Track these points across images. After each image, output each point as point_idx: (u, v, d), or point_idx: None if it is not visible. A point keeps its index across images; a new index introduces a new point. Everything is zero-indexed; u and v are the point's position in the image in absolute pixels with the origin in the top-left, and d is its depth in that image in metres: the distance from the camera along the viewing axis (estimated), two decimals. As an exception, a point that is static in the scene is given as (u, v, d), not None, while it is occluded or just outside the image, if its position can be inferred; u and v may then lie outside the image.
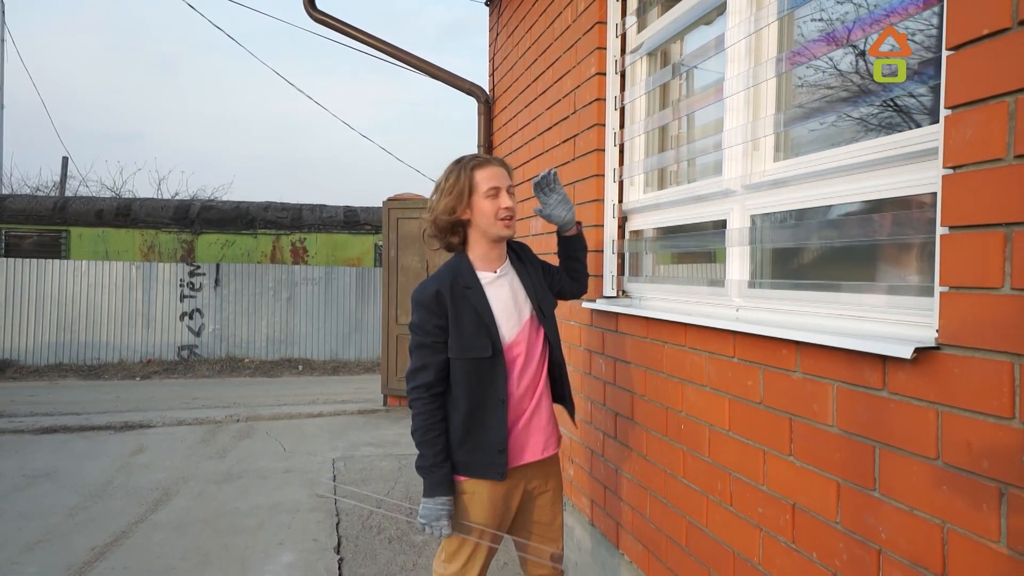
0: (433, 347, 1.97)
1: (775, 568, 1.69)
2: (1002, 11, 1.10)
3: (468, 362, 1.97)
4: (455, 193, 2.00)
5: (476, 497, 1.99)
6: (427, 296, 1.98)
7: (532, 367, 2.04)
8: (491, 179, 2.03)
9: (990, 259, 1.12)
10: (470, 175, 2.02)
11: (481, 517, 2.00)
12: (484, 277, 2.04)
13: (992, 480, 1.12)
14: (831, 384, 1.50)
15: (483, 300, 2.00)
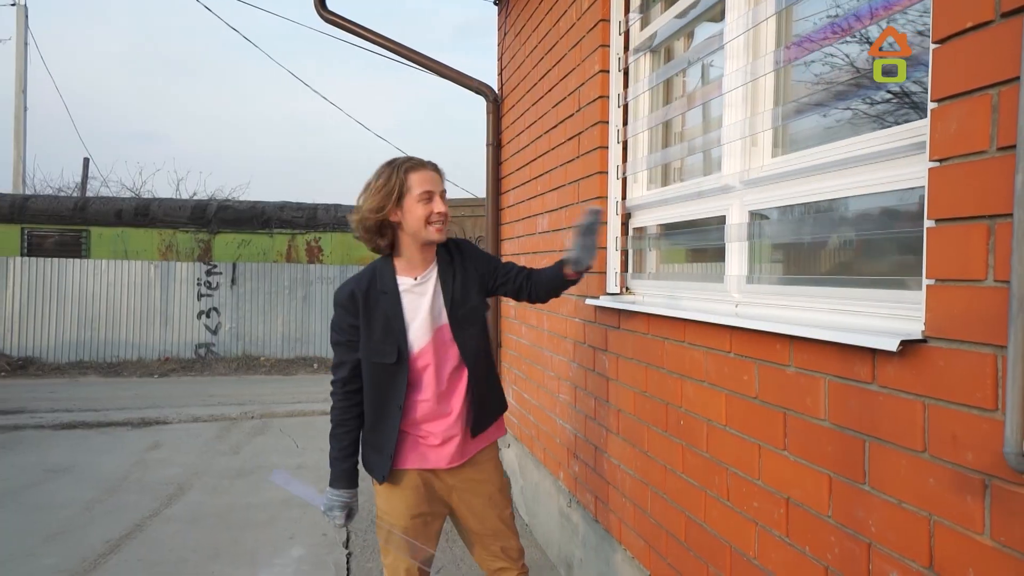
0: (348, 345, 2.08)
1: (770, 562, 1.69)
2: (985, 3, 1.10)
3: (374, 365, 2.05)
4: (383, 193, 1.99)
5: (383, 492, 2.13)
6: (343, 296, 2.09)
7: (443, 378, 2.07)
8: (424, 183, 2.01)
9: (974, 251, 1.12)
10: (403, 177, 2.00)
11: (391, 514, 2.12)
12: (403, 283, 2.07)
13: (976, 472, 1.13)
14: (823, 378, 1.50)
15: (396, 306, 2.04)
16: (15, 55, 16.85)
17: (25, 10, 17.08)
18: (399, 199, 1.99)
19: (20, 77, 17.02)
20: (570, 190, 3.19)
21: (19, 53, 16.88)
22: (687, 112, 2.53)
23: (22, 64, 16.96)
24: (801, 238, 1.89)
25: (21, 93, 17.13)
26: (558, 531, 3.40)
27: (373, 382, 2.07)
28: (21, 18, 16.95)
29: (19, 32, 16.87)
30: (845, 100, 1.71)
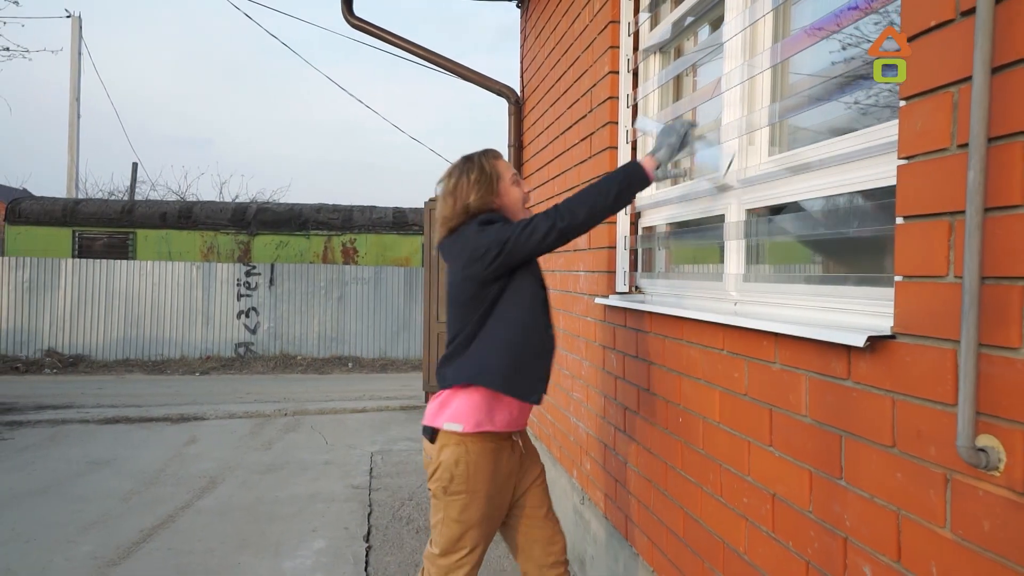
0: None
1: (758, 557, 1.70)
2: (947, 2, 1.11)
3: (537, 282, 2.04)
4: (485, 183, 2.04)
5: (483, 460, 1.99)
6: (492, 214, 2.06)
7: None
8: (509, 168, 2.14)
9: (936, 248, 1.13)
10: (493, 165, 2.08)
11: (484, 487, 2.00)
12: None
13: (938, 466, 1.13)
14: (804, 375, 1.51)
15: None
16: (69, 65, 17.57)
17: (79, 21, 17.79)
18: (497, 185, 2.06)
19: (74, 86, 17.74)
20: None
21: (73, 63, 17.59)
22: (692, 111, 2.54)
23: (76, 74, 17.67)
24: (795, 236, 1.89)
25: (75, 101, 17.85)
26: (573, 528, 3.43)
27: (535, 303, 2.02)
28: (75, 29, 17.66)
29: (73, 43, 17.59)
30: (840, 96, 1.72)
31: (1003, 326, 1.01)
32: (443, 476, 1.99)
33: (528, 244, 1.91)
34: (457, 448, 1.98)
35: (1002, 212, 1.01)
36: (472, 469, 1.99)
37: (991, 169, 1.02)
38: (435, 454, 2.02)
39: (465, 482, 1.99)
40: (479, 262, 1.92)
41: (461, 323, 2.02)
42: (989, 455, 1.02)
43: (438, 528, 2.05)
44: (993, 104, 1.01)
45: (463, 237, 2.00)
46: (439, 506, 2.05)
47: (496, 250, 1.90)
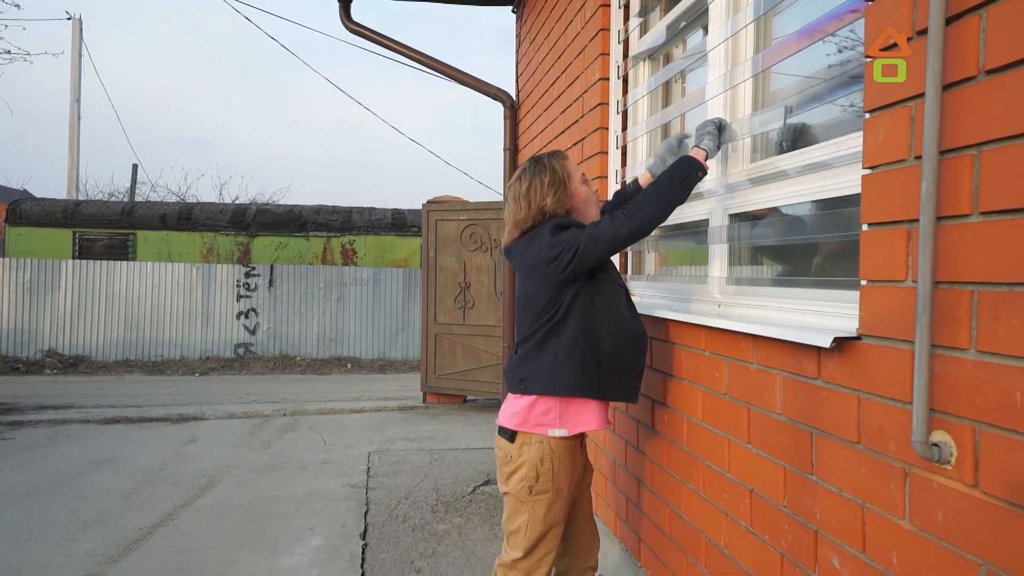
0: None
1: (737, 551, 1.76)
2: (905, 21, 1.17)
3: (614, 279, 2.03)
4: (559, 185, 2.03)
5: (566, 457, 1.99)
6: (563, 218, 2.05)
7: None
8: (577, 167, 2.14)
9: (896, 254, 1.19)
10: (564, 167, 2.08)
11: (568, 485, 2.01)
12: None
13: (897, 461, 1.19)
14: (779, 374, 1.57)
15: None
16: (70, 67, 17.64)
17: (80, 24, 17.86)
18: (568, 186, 2.06)
19: (74, 88, 17.81)
20: (575, 194, 3.29)
21: (73, 65, 17.66)
22: (680, 117, 2.60)
23: (76, 76, 17.74)
24: (774, 241, 1.95)
25: (75, 103, 17.92)
26: (565, 526, 3.49)
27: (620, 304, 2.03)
28: (76, 31, 17.73)
29: (74, 45, 17.66)
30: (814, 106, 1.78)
31: (954, 328, 1.07)
32: (529, 475, 1.96)
33: (600, 246, 1.91)
34: (541, 446, 1.96)
35: (953, 221, 1.07)
36: (558, 466, 1.97)
37: (942, 180, 1.08)
38: (516, 452, 1.99)
39: (551, 480, 1.97)
40: (553, 264, 1.92)
41: (536, 326, 2.00)
42: (942, 449, 1.08)
43: (522, 530, 2.00)
44: (944, 119, 1.08)
45: (538, 241, 1.98)
46: (522, 508, 1.99)
47: (570, 254, 1.90)
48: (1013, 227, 0.97)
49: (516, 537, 2.02)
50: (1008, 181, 0.97)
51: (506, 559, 2.05)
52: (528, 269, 2.02)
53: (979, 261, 1.02)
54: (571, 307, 1.96)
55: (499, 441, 2.05)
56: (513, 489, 2.00)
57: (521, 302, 2.08)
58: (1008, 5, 0.98)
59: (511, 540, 2.04)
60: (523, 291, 2.06)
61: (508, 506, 2.05)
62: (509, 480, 2.01)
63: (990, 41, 1.00)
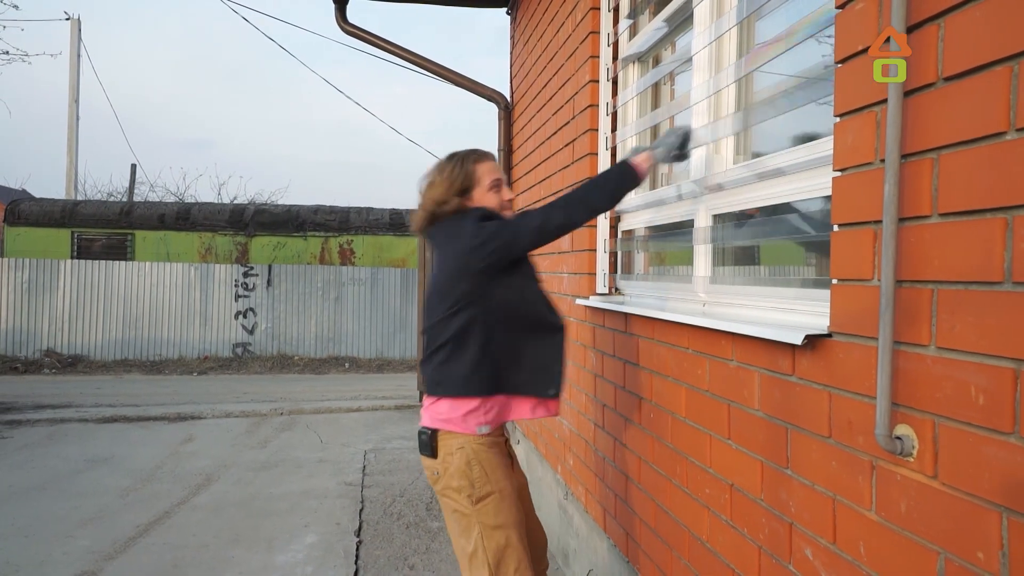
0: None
1: (718, 544, 1.80)
2: (871, 28, 1.21)
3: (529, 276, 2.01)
4: (453, 183, 2.01)
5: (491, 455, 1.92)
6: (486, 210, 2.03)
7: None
8: (492, 172, 2.07)
9: (864, 254, 1.23)
10: (472, 168, 2.04)
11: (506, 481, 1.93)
12: None
13: (865, 454, 1.23)
14: (756, 371, 1.61)
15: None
16: (68, 67, 17.66)
17: (78, 24, 17.88)
18: (471, 190, 2.02)
19: (73, 88, 17.83)
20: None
21: (72, 65, 17.68)
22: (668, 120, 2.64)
23: (75, 76, 17.76)
24: (755, 241, 1.99)
25: (74, 103, 17.94)
26: (558, 523, 3.53)
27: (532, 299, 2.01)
28: (74, 32, 17.75)
29: (72, 45, 17.68)
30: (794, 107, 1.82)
31: (916, 325, 1.10)
32: (462, 484, 1.88)
33: (528, 235, 1.89)
34: (463, 451, 1.90)
35: (915, 222, 1.11)
36: (488, 466, 1.90)
37: (905, 183, 1.12)
38: (441, 468, 1.92)
39: (487, 481, 1.89)
40: (477, 252, 1.87)
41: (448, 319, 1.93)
42: (904, 442, 1.12)
43: (479, 546, 1.88)
44: (907, 124, 1.12)
45: (460, 228, 1.94)
46: (470, 522, 1.89)
47: (495, 242, 1.87)
48: (968, 228, 1.01)
49: (476, 558, 1.88)
50: (964, 184, 1.01)
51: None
52: (450, 251, 1.97)
53: (938, 260, 1.06)
54: (488, 299, 1.91)
55: (424, 461, 1.98)
56: (457, 505, 1.90)
57: (436, 289, 2.00)
58: (965, 15, 1.02)
59: (473, 564, 1.89)
60: (439, 278, 2.00)
61: (456, 527, 1.93)
62: (447, 498, 1.93)
63: (948, 49, 1.04)
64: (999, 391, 0.95)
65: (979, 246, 0.98)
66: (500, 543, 1.88)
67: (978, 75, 0.99)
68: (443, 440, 1.92)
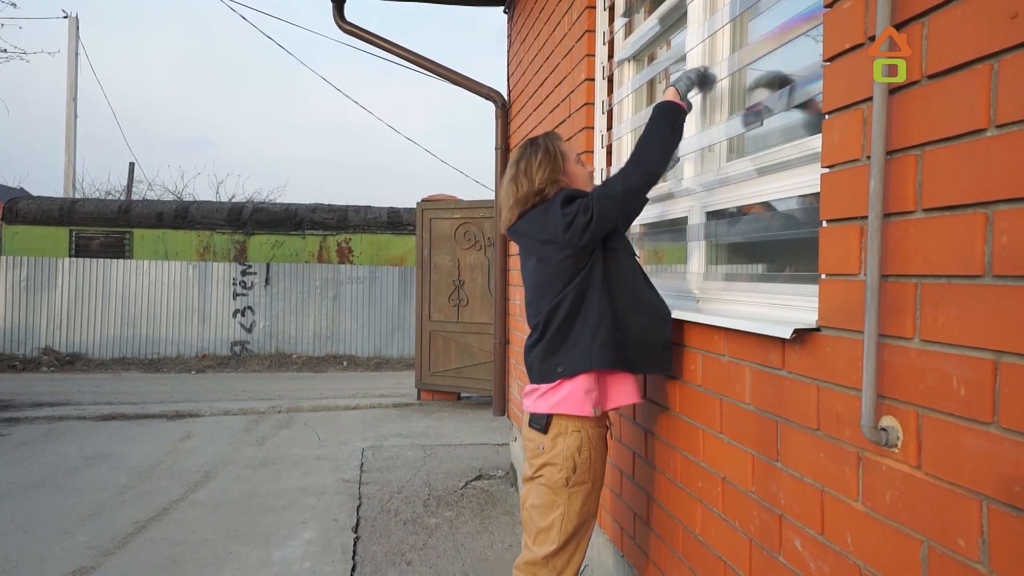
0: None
1: (710, 537, 1.83)
2: (858, 27, 1.23)
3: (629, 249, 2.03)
4: (550, 162, 2.04)
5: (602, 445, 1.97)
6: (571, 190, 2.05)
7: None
8: (571, 148, 2.16)
9: (850, 249, 1.25)
10: (557, 146, 2.09)
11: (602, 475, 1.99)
12: None
13: (851, 445, 1.26)
14: (747, 366, 1.64)
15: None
16: (66, 66, 17.65)
17: (76, 22, 17.87)
18: (563, 165, 2.07)
19: (71, 86, 17.82)
20: (562, 193, 3.35)
21: (70, 63, 17.67)
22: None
23: (73, 74, 17.74)
24: (749, 237, 2.01)
25: (72, 101, 17.92)
26: (553, 519, 3.55)
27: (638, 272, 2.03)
28: (72, 30, 17.73)
29: (70, 43, 17.66)
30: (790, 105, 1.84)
31: (901, 318, 1.13)
32: (566, 466, 1.90)
33: (615, 201, 1.88)
34: (578, 434, 1.90)
35: (900, 217, 1.13)
36: (595, 455, 1.93)
37: (890, 179, 1.14)
38: (549, 444, 1.92)
39: (588, 470, 1.92)
40: (571, 230, 1.87)
41: (555, 306, 1.95)
42: (889, 433, 1.14)
43: (556, 525, 1.93)
44: (892, 121, 1.14)
45: (550, 213, 1.95)
46: (556, 501, 1.93)
47: (586, 216, 1.86)
48: (950, 223, 1.03)
49: (549, 533, 1.94)
50: (946, 180, 1.03)
51: (534, 556, 1.96)
52: (544, 243, 1.97)
53: (922, 255, 1.08)
54: (590, 280, 1.92)
55: (529, 433, 1.98)
56: (548, 481, 1.93)
57: (538, 280, 2.02)
58: (948, 13, 1.04)
59: (541, 536, 1.95)
60: (538, 268, 2.02)
61: (538, 500, 1.96)
62: (541, 472, 1.95)
63: (931, 47, 1.06)
64: (979, 382, 0.97)
65: (961, 241, 1.01)
66: (575, 527, 1.95)
67: (960, 73, 1.01)
68: (558, 420, 1.94)
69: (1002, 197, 0.94)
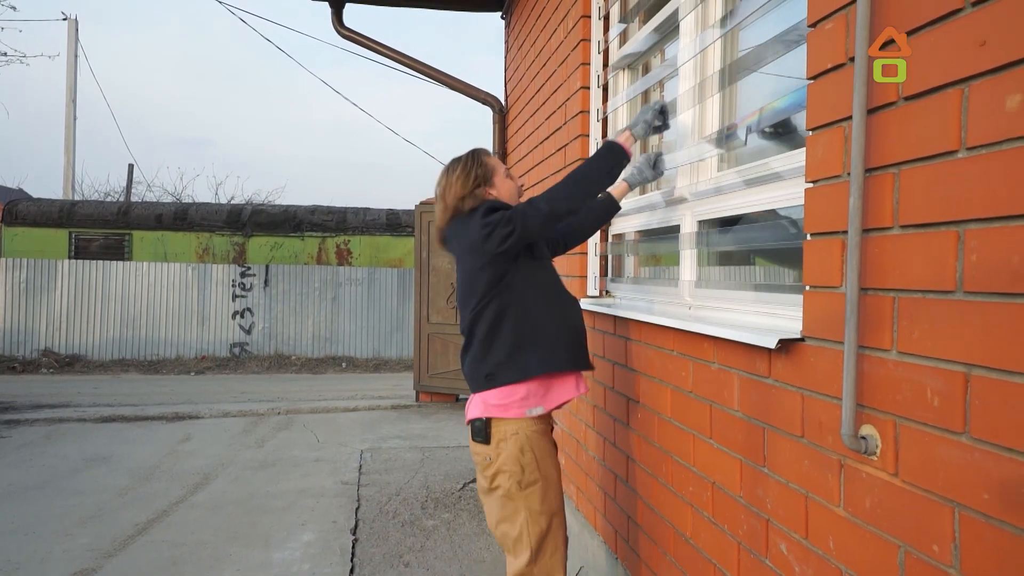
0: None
1: (701, 541, 1.87)
2: (839, 49, 1.27)
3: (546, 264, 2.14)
4: (474, 176, 2.10)
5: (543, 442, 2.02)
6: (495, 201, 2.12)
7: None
8: (500, 162, 2.24)
9: (833, 262, 1.29)
10: (485, 159, 2.17)
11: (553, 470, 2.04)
12: None
13: (834, 453, 1.30)
14: (736, 373, 1.67)
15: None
16: (66, 67, 17.69)
17: (76, 24, 17.90)
18: (490, 179, 2.13)
19: (70, 88, 17.85)
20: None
21: (69, 65, 17.70)
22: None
23: (72, 76, 17.77)
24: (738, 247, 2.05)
25: (71, 103, 17.96)
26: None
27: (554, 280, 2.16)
28: (72, 32, 17.77)
29: (69, 45, 17.69)
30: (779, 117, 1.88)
31: (879, 330, 1.17)
32: (514, 469, 1.96)
33: (538, 215, 1.94)
34: (516, 437, 1.97)
35: (878, 233, 1.17)
36: (539, 454, 1.98)
37: (870, 196, 1.18)
38: (494, 453, 1.99)
39: (537, 468, 1.97)
40: (490, 239, 1.94)
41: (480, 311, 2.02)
42: (868, 442, 1.18)
43: (524, 531, 1.98)
44: (872, 140, 1.18)
45: (472, 221, 2.02)
46: (516, 506, 1.98)
47: (506, 227, 1.93)
48: (925, 240, 1.07)
49: (521, 540, 1.98)
50: (921, 198, 1.07)
51: (518, 567, 1.99)
52: (465, 249, 2.06)
53: (899, 270, 1.12)
54: (511, 290, 2.01)
55: (475, 447, 2.05)
56: (503, 491, 1.99)
57: (463, 287, 2.10)
58: (922, 38, 1.08)
59: (517, 547, 1.99)
60: (463, 275, 2.10)
61: (500, 510, 2.02)
62: (495, 481, 2.01)
63: (908, 70, 1.10)
64: (952, 393, 1.01)
65: (934, 257, 1.05)
66: (543, 528, 1.99)
67: (933, 96, 1.05)
68: (497, 426, 2.00)
69: (972, 217, 0.98)
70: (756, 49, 1.82)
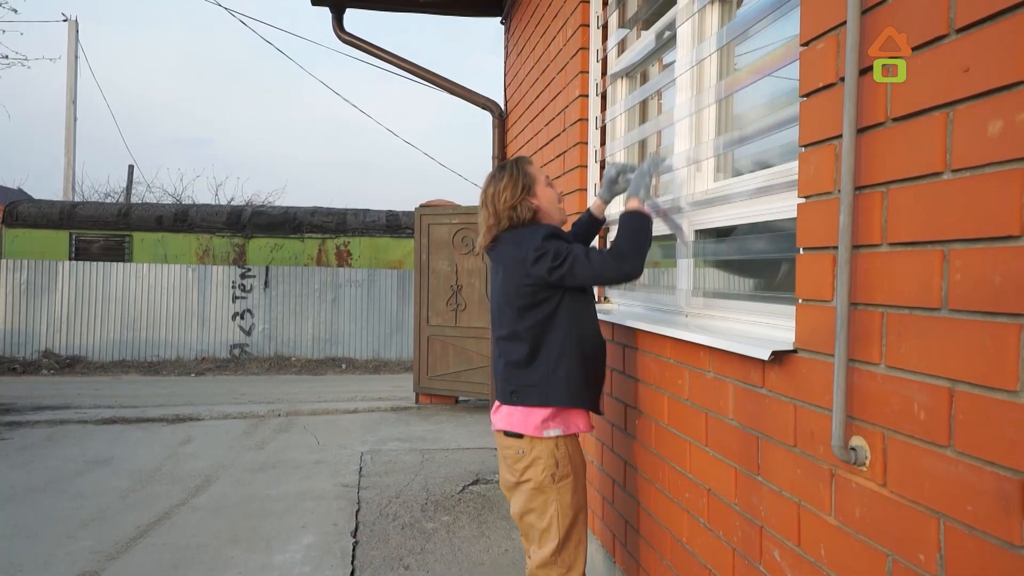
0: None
1: (697, 546, 1.90)
2: (830, 69, 1.30)
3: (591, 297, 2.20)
4: (514, 187, 2.14)
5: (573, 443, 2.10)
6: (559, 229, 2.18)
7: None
8: (541, 171, 2.28)
9: (824, 276, 1.33)
10: (527, 168, 2.22)
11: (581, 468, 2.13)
12: None
13: (825, 463, 1.33)
14: (731, 383, 1.71)
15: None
16: (66, 69, 17.71)
17: (76, 26, 17.93)
18: (532, 187, 2.18)
19: (71, 90, 17.87)
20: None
21: (70, 66, 17.72)
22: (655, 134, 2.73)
23: (73, 77, 17.80)
24: (736, 256, 2.08)
25: (71, 104, 17.98)
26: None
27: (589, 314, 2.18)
28: (72, 33, 17.79)
29: (70, 46, 17.72)
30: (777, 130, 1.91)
31: (868, 344, 1.20)
32: (549, 463, 2.03)
33: (589, 271, 2.00)
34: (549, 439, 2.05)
35: (868, 249, 1.20)
36: (571, 449, 2.07)
37: (860, 213, 1.21)
38: (527, 447, 2.05)
39: (569, 462, 2.05)
40: (540, 263, 1.99)
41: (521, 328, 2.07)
42: (858, 453, 1.21)
43: (553, 522, 2.05)
44: (862, 159, 1.21)
45: (529, 237, 2.05)
46: (548, 498, 2.04)
47: (560, 261, 1.98)
48: (912, 258, 1.10)
49: (549, 531, 2.05)
50: (908, 216, 1.11)
51: (543, 556, 2.06)
52: (513, 262, 2.07)
53: (887, 286, 1.15)
54: (558, 312, 2.05)
55: (506, 440, 2.09)
56: (535, 483, 2.04)
57: (503, 298, 2.13)
58: (912, 61, 1.11)
59: (543, 537, 2.06)
60: (505, 287, 2.11)
61: (528, 502, 2.07)
62: (526, 473, 2.05)
63: (895, 92, 1.14)
64: (937, 407, 1.04)
65: (921, 275, 1.08)
66: (570, 520, 2.06)
67: (920, 118, 1.08)
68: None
69: (956, 237, 1.01)
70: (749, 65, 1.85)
